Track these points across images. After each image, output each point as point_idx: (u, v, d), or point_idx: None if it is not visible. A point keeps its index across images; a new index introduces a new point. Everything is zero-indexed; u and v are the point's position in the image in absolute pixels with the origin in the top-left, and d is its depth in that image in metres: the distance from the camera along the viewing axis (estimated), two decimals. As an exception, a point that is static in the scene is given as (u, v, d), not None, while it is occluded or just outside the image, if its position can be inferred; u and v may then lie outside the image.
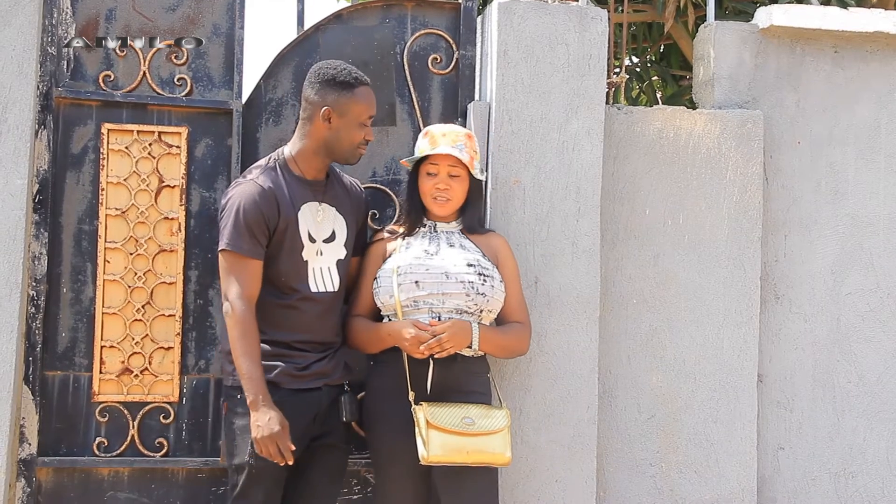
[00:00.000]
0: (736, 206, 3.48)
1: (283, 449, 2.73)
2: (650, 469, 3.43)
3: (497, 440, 2.82)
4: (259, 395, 2.74)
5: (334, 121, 2.88)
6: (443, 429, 2.77)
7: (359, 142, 2.92)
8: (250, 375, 2.74)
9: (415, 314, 2.90)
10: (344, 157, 2.94)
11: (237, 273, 2.81)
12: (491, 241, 3.05)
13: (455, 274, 2.89)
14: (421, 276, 2.89)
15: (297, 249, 2.90)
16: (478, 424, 2.81)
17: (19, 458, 3.11)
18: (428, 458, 2.76)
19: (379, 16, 3.38)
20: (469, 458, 2.79)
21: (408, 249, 2.97)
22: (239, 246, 2.81)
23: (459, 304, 2.88)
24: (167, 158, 3.23)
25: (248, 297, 2.80)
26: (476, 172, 2.98)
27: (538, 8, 3.28)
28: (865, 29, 3.59)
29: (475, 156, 2.99)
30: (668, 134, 3.46)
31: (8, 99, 3.07)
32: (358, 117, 2.89)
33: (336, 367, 2.96)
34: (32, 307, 3.13)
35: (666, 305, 3.44)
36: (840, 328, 3.60)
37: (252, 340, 2.77)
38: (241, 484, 2.83)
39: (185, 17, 3.28)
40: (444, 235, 3.01)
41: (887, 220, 3.64)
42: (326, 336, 2.95)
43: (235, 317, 2.77)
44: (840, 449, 3.58)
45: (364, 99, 2.90)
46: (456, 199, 2.99)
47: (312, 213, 2.93)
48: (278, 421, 2.73)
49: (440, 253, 2.95)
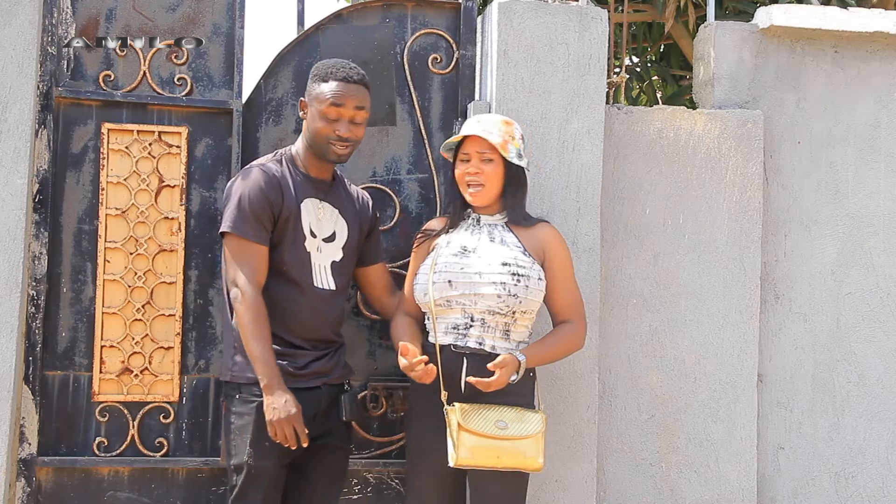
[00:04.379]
0: (736, 205, 3.48)
1: (299, 432, 2.71)
2: (650, 469, 3.43)
3: (529, 445, 2.76)
4: (274, 379, 2.72)
5: (307, 110, 2.90)
6: (474, 432, 2.72)
7: (326, 134, 2.85)
8: (264, 359, 2.72)
9: (447, 314, 2.86)
10: (319, 151, 2.88)
11: (244, 258, 2.78)
12: (538, 233, 2.94)
13: (488, 274, 2.82)
14: (454, 276, 2.84)
15: (300, 240, 2.87)
16: (511, 428, 2.75)
17: (19, 458, 3.11)
18: (457, 460, 2.72)
19: (379, 15, 3.38)
20: (499, 462, 2.74)
21: (448, 245, 2.92)
22: (244, 231, 2.79)
23: (491, 305, 2.82)
24: (167, 158, 3.23)
25: (258, 282, 2.78)
26: (511, 157, 2.88)
27: (538, 8, 3.28)
28: (865, 29, 3.59)
29: (511, 140, 2.89)
30: (668, 134, 3.46)
31: (8, 98, 3.07)
32: (319, 107, 2.85)
33: (336, 366, 2.94)
34: (32, 307, 3.13)
35: (666, 305, 3.44)
36: (840, 328, 3.60)
37: (264, 325, 2.74)
38: (240, 485, 2.80)
39: (185, 16, 3.28)
40: (487, 228, 2.94)
41: (887, 220, 3.64)
42: (326, 333, 2.93)
43: (247, 302, 2.74)
44: (840, 449, 3.59)
45: (329, 91, 2.84)
46: (490, 186, 2.90)
47: (314, 209, 2.92)
48: (294, 403, 2.71)
49: (478, 250, 2.87)
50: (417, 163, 3.37)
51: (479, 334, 2.84)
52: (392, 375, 3.28)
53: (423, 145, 3.37)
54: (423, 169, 3.37)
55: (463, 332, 2.85)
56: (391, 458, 3.30)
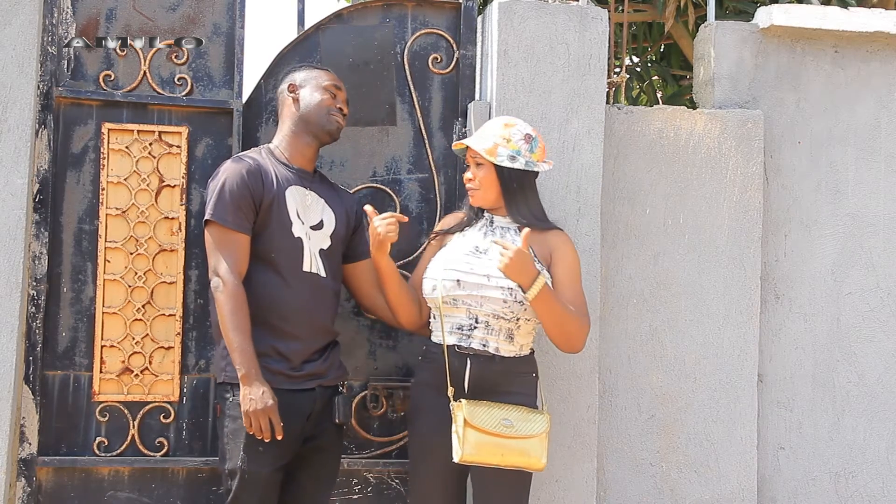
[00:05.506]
0: (736, 205, 3.48)
1: (274, 423, 2.71)
2: (650, 469, 3.43)
3: (534, 445, 2.77)
4: (252, 369, 2.71)
5: (299, 91, 2.96)
6: (480, 429, 2.73)
7: (327, 105, 2.94)
8: (242, 349, 2.72)
9: (453, 312, 2.86)
10: (318, 122, 2.93)
11: (225, 247, 2.79)
12: (549, 238, 2.94)
13: (496, 278, 2.81)
14: (463, 276, 2.85)
15: (286, 226, 2.87)
16: (516, 427, 2.76)
17: (19, 458, 3.12)
18: (462, 456, 2.73)
19: (379, 15, 3.38)
20: (503, 460, 2.75)
21: (460, 244, 2.93)
22: (224, 219, 2.79)
23: (496, 309, 2.83)
24: (167, 158, 3.23)
25: (239, 272, 2.78)
26: (500, 160, 2.87)
27: (538, 8, 3.28)
28: (866, 29, 3.59)
29: (506, 143, 2.88)
30: (669, 134, 3.46)
31: (8, 98, 3.07)
32: (317, 80, 2.96)
33: (330, 367, 2.93)
34: (33, 307, 3.13)
35: (666, 305, 3.44)
36: (840, 328, 3.60)
37: (244, 316, 2.74)
38: (234, 490, 2.78)
39: (185, 16, 3.28)
40: (500, 231, 2.95)
41: (887, 220, 3.64)
42: (318, 323, 2.90)
43: (228, 291, 2.74)
44: (840, 449, 3.59)
45: (326, 73, 3.01)
46: (484, 189, 2.92)
47: (301, 196, 2.91)
48: (271, 395, 2.71)
49: (489, 252, 2.87)
50: (417, 163, 3.37)
51: (483, 336, 2.85)
52: (392, 375, 3.28)
53: (424, 145, 3.37)
54: (424, 169, 3.37)
55: (467, 333, 2.85)
56: (391, 458, 3.29)
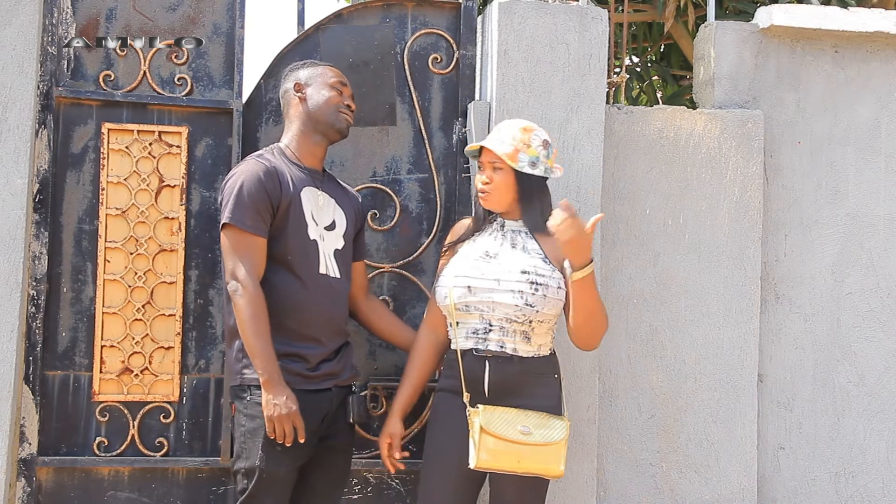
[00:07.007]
0: (736, 205, 3.48)
1: (298, 428, 2.71)
2: (650, 469, 3.43)
3: (551, 452, 2.75)
4: (274, 374, 2.71)
5: (306, 90, 2.95)
6: (497, 436, 2.71)
7: (335, 103, 2.94)
8: (263, 354, 2.70)
9: (467, 318, 2.85)
10: (328, 120, 2.93)
11: (244, 251, 2.77)
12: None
13: (507, 282, 2.81)
14: (474, 281, 2.83)
15: (302, 228, 2.86)
16: (534, 434, 2.74)
17: (19, 458, 3.12)
18: (478, 463, 2.72)
19: (379, 15, 3.38)
20: (520, 466, 2.73)
21: (471, 250, 2.91)
22: (243, 222, 2.77)
23: (509, 313, 2.81)
24: (167, 158, 3.23)
25: (258, 275, 2.77)
26: (522, 166, 2.84)
27: (538, 8, 3.28)
28: (866, 29, 3.59)
29: (526, 149, 2.86)
30: (669, 134, 3.46)
31: (8, 98, 3.07)
32: (323, 78, 2.96)
33: (344, 367, 2.93)
34: (33, 307, 3.13)
35: (666, 305, 3.44)
36: (840, 328, 3.60)
37: (264, 320, 2.73)
38: (251, 489, 2.76)
39: (185, 16, 3.28)
40: (511, 235, 2.92)
41: (887, 220, 3.64)
42: (337, 325, 2.91)
43: (248, 296, 2.73)
44: (840, 449, 3.59)
45: (328, 67, 3.01)
46: (498, 193, 2.88)
47: (314, 197, 2.91)
48: (294, 400, 2.71)
49: (500, 256, 2.86)
50: (417, 163, 3.37)
51: (499, 338, 2.83)
52: (392, 375, 3.28)
53: (424, 145, 3.37)
54: (424, 169, 3.37)
55: (483, 337, 2.84)
56: (391, 458, 3.30)
